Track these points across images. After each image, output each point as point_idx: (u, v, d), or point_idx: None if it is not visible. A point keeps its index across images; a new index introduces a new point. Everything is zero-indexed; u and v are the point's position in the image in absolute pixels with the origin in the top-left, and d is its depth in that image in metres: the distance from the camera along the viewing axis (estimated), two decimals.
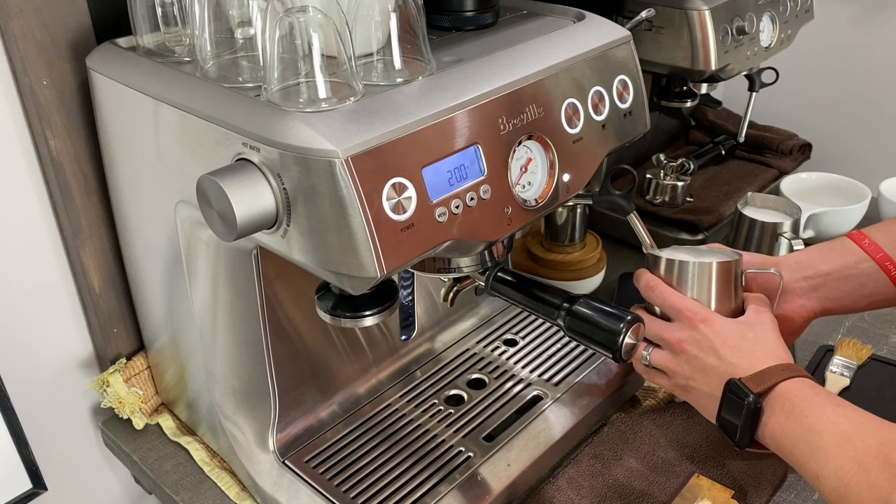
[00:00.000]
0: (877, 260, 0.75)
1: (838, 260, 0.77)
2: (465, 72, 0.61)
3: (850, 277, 0.77)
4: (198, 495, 0.79)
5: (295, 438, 0.79)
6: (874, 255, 0.75)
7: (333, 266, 0.54)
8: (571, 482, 0.76)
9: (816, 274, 0.77)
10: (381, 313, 0.67)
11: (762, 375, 0.65)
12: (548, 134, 0.64)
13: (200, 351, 0.75)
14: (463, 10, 0.72)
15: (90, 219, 0.79)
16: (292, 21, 0.54)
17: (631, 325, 0.63)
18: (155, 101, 0.62)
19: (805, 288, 0.78)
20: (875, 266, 0.75)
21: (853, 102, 1.42)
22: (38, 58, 0.70)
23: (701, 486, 0.75)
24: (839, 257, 0.77)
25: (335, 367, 0.82)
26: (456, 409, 0.83)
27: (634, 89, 0.72)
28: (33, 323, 0.81)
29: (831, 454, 0.59)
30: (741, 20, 0.98)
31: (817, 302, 0.78)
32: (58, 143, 0.74)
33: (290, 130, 0.52)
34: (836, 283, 0.77)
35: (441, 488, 0.73)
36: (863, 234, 0.77)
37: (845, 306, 0.78)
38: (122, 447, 0.86)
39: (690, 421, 0.82)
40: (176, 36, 0.67)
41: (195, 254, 0.69)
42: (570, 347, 0.91)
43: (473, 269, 0.70)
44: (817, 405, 0.62)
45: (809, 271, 0.77)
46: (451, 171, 0.57)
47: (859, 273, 0.76)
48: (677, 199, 1.17)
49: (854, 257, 0.76)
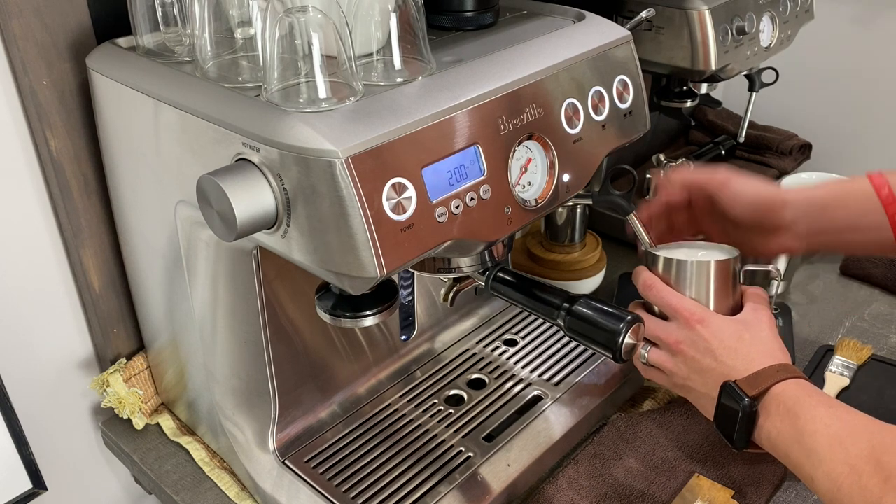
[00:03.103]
0: (889, 213, 0.72)
1: (851, 208, 0.74)
2: (465, 72, 0.61)
3: (855, 230, 0.74)
4: (198, 495, 0.79)
5: (295, 438, 0.79)
6: (888, 208, 0.72)
7: (333, 266, 0.54)
8: (571, 482, 0.76)
9: (823, 220, 0.75)
10: (381, 313, 0.67)
11: (757, 377, 0.66)
12: (548, 134, 0.64)
13: (200, 351, 0.75)
14: (463, 10, 0.72)
15: (90, 219, 0.79)
16: (292, 21, 0.54)
17: (631, 325, 0.63)
18: (155, 101, 0.62)
19: (803, 232, 0.76)
20: (884, 219, 0.73)
21: (853, 102, 1.42)
22: (38, 58, 0.70)
23: (701, 486, 0.75)
24: (853, 203, 0.74)
25: (335, 367, 0.82)
26: (456, 409, 0.83)
27: (634, 89, 0.72)
28: (33, 323, 0.81)
29: (824, 457, 0.59)
30: (741, 20, 0.98)
31: (805, 244, 0.76)
32: (58, 143, 0.74)
33: (290, 130, 0.52)
34: (839, 233, 0.75)
35: (441, 488, 0.73)
36: (884, 178, 0.74)
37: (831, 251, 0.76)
38: (122, 447, 0.86)
39: (690, 421, 0.82)
40: (176, 36, 0.67)
41: (195, 254, 0.69)
42: (570, 347, 0.91)
43: (473, 269, 0.70)
44: (810, 407, 0.62)
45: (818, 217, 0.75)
46: (451, 172, 0.57)
47: (866, 225, 0.74)
48: None
49: (867, 204, 0.73)
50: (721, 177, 0.78)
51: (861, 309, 1.03)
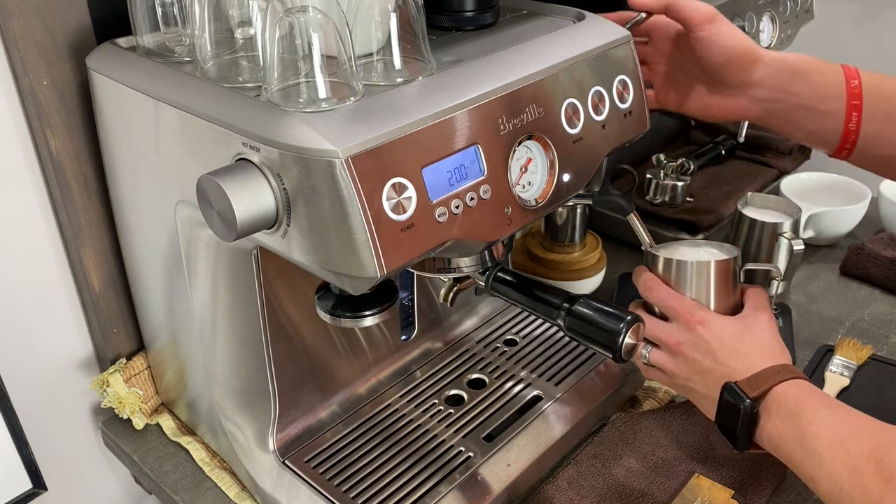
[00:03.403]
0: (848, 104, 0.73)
1: (817, 86, 0.74)
2: (465, 72, 0.61)
3: (810, 110, 0.74)
4: (198, 495, 0.79)
5: (295, 438, 0.79)
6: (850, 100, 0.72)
7: (333, 266, 0.54)
8: (571, 482, 0.76)
9: (785, 88, 0.75)
10: (380, 313, 0.67)
11: (757, 378, 0.66)
12: (548, 134, 0.64)
13: (200, 351, 0.75)
14: (463, 10, 0.72)
15: (90, 219, 0.79)
16: (292, 21, 0.54)
17: (631, 325, 0.63)
18: (155, 101, 0.62)
19: (763, 96, 0.75)
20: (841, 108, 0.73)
21: None
22: (38, 58, 0.70)
23: (701, 486, 0.75)
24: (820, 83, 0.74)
25: (335, 367, 0.82)
26: (456, 409, 0.83)
27: (634, 89, 0.72)
28: (33, 323, 0.81)
29: (825, 457, 0.59)
30: (741, 20, 0.98)
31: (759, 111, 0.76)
32: (58, 143, 0.74)
33: (290, 130, 0.52)
34: (794, 109, 0.75)
35: (441, 488, 0.73)
36: (856, 72, 0.74)
37: (776, 128, 0.76)
38: (122, 447, 0.86)
39: (690, 421, 0.82)
40: (176, 36, 0.67)
41: (195, 254, 0.69)
42: (570, 347, 0.91)
43: (473, 269, 0.70)
44: (811, 408, 0.62)
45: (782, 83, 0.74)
46: (451, 171, 0.57)
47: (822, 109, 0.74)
48: (677, 199, 1.17)
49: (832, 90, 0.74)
50: (708, 10, 0.75)
51: (861, 309, 1.03)
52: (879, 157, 0.74)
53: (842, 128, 0.73)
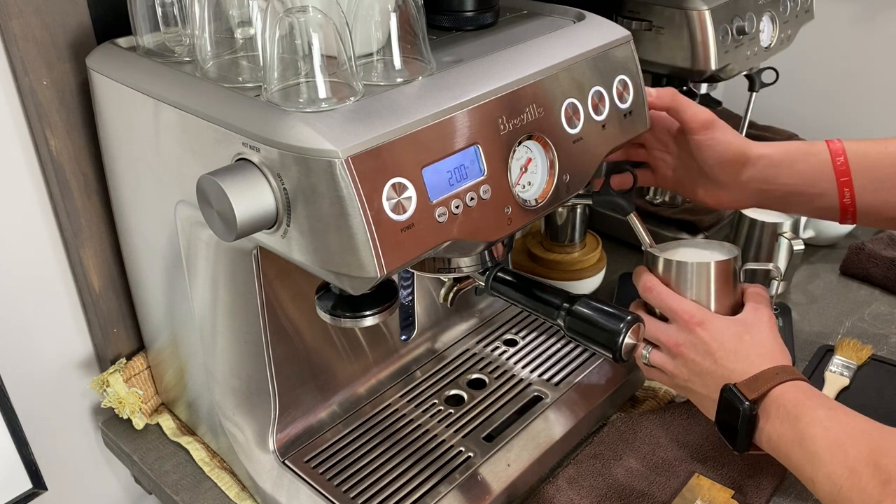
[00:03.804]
0: (839, 183, 0.74)
1: (804, 172, 0.75)
2: (465, 72, 0.61)
3: (802, 194, 0.76)
4: (198, 495, 0.79)
5: (295, 438, 0.79)
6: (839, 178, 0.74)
7: (333, 266, 0.54)
8: (571, 482, 0.76)
9: (774, 180, 0.77)
10: (381, 313, 0.67)
11: (757, 380, 0.66)
12: (548, 134, 0.64)
13: (200, 351, 0.75)
14: (463, 10, 0.72)
15: (90, 219, 0.79)
16: (292, 21, 0.54)
17: (631, 325, 0.63)
18: (155, 101, 0.62)
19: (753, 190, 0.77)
20: (833, 187, 0.74)
21: (853, 102, 1.42)
22: (38, 58, 0.70)
23: (701, 486, 0.75)
24: (806, 168, 0.75)
25: (335, 367, 0.82)
26: (456, 409, 0.83)
27: (634, 89, 0.72)
28: (33, 323, 0.81)
29: (824, 459, 0.60)
30: (741, 20, 0.98)
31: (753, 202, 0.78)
32: (58, 143, 0.74)
33: (290, 130, 0.52)
34: (787, 195, 0.77)
35: (441, 488, 0.73)
36: (841, 147, 0.75)
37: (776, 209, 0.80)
38: (122, 447, 0.86)
39: (690, 421, 0.82)
40: (176, 36, 0.67)
41: (195, 254, 0.69)
42: (570, 347, 0.91)
43: (473, 269, 0.70)
44: (810, 409, 0.62)
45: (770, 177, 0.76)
46: (451, 171, 0.57)
47: (815, 191, 0.75)
48: (677, 199, 1.17)
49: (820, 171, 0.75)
50: (706, 117, 0.77)
51: (861, 309, 1.03)
52: (887, 219, 0.76)
53: (838, 204, 0.75)
